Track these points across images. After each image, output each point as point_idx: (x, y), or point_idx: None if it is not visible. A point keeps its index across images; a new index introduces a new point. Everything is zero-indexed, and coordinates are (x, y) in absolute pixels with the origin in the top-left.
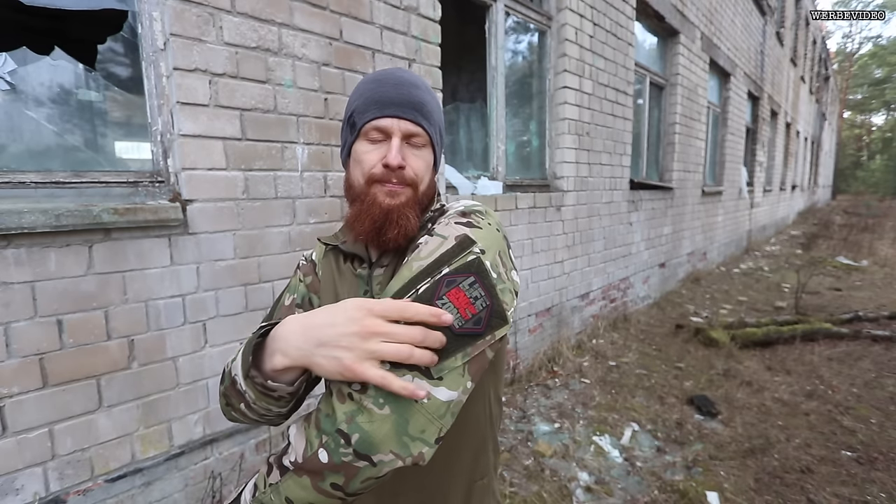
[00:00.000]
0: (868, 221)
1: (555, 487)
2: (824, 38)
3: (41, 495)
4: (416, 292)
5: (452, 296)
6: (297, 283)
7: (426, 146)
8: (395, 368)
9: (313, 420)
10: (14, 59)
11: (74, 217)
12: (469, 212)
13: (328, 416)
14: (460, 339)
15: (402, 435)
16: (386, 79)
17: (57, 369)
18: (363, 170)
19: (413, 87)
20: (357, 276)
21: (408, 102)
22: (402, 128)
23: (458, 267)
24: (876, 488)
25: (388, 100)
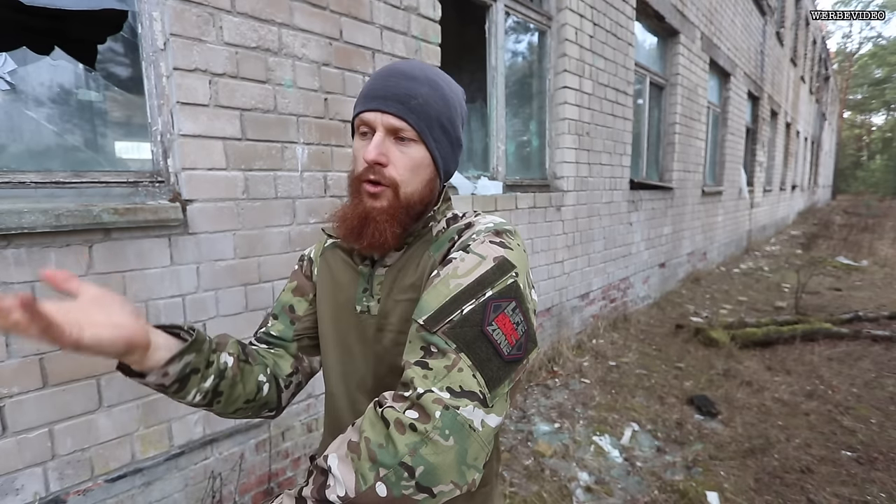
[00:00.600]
0: (868, 221)
1: (555, 487)
2: (824, 38)
3: (41, 495)
4: (461, 313)
5: (500, 322)
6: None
7: (415, 142)
8: (456, 398)
9: (364, 452)
10: (14, 58)
11: (74, 217)
12: (501, 231)
13: (383, 448)
14: (509, 365)
15: (462, 464)
16: (384, 72)
17: (57, 369)
18: (355, 168)
19: (406, 78)
20: (358, 273)
21: (393, 95)
22: (384, 122)
23: (501, 291)
24: (876, 488)
25: (374, 92)
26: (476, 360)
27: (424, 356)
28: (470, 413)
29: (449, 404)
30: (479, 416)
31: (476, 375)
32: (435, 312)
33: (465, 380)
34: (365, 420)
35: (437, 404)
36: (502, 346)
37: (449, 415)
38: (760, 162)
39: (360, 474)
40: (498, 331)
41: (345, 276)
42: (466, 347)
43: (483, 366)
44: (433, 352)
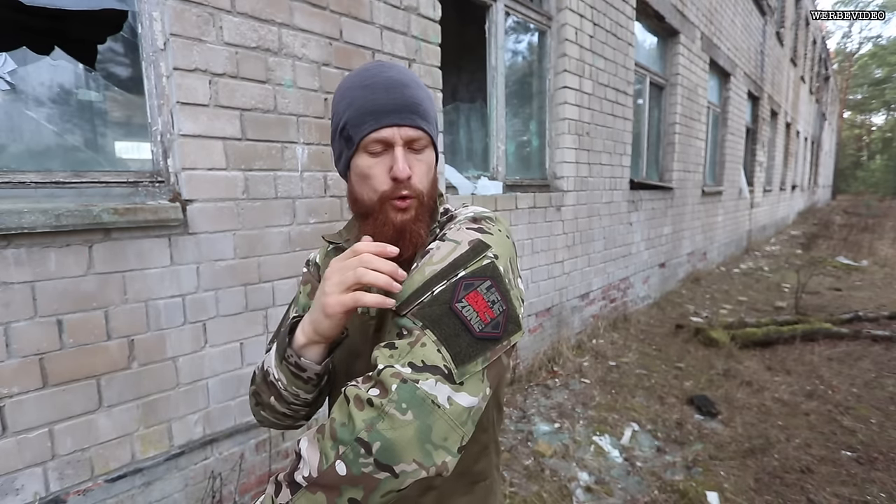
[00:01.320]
0: (868, 221)
1: (555, 487)
2: (824, 38)
3: (41, 495)
4: (431, 294)
5: (471, 299)
6: (299, 296)
7: (427, 147)
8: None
9: (328, 431)
10: (14, 59)
11: (74, 217)
12: (480, 217)
13: (344, 425)
14: (481, 342)
15: (426, 442)
16: (374, 83)
17: (57, 369)
18: (373, 187)
19: (403, 86)
20: None
21: (404, 106)
22: (403, 135)
23: (474, 270)
24: (876, 488)
25: (382, 108)
26: (441, 335)
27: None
28: (432, 387)
29: (407, 377)
30: (443, 391)
31: (441, 350)
32: (407, 297)
33: (428, 354)
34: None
35: (394, 378)
36: (473, 322)
37: (407, 387)
38: (760, 162)
39: (323, 453)
40: (468, 307)
41: None
42: (431, 324)
43: (449, 341)
44: (403, 334)
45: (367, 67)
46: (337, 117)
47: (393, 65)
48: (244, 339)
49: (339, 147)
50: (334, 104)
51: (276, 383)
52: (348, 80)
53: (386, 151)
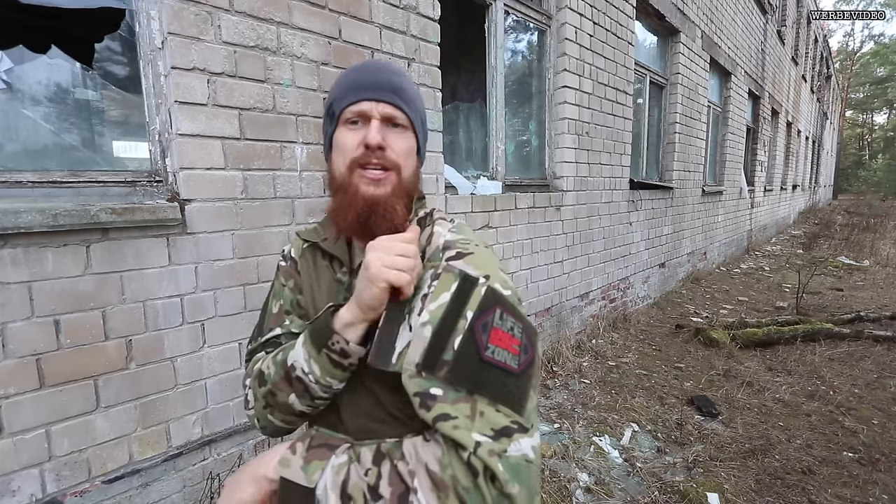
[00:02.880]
0: (870, 221)
1: (555, 488)
2: (826, 37)
3: (38, 497)
4: (452, 350)
5: (495, 339)
6: (281, 289)
7: (408, 129)
8: (498, 441)
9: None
10: (11, 57)
11: (72, 217)
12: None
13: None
14: (524, 375)
15: (533, 497)
16: (364, 66)
17: (54, 370)
18: (344, 156)
19: (392, 73)
20: (336, 281)
21: (386, 85)
22: (380, 110)
23: (479, 305)
24: (878, 490)
25: (365, 84)
26: (491, 395)
27: (426, 402)
28: (518, 449)
29: (498, 451)
30: (526, 444)
31: (500, 409)
32: (425, 354)
33: (492, 419)
34: (445, 454)
35: (493, 456)
36: (509, 362)
37: (504, 462)
38: (761, 161)
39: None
40: (498, 350)
41: (325, 281)
42: (476, 386)
43: (501, 396)
44: (435, 395)
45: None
46: (328, 100)
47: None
48: (243, 340)
49: (325, 128)
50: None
51: (306, 377)
52: (345, 70)
53: (364, 126)
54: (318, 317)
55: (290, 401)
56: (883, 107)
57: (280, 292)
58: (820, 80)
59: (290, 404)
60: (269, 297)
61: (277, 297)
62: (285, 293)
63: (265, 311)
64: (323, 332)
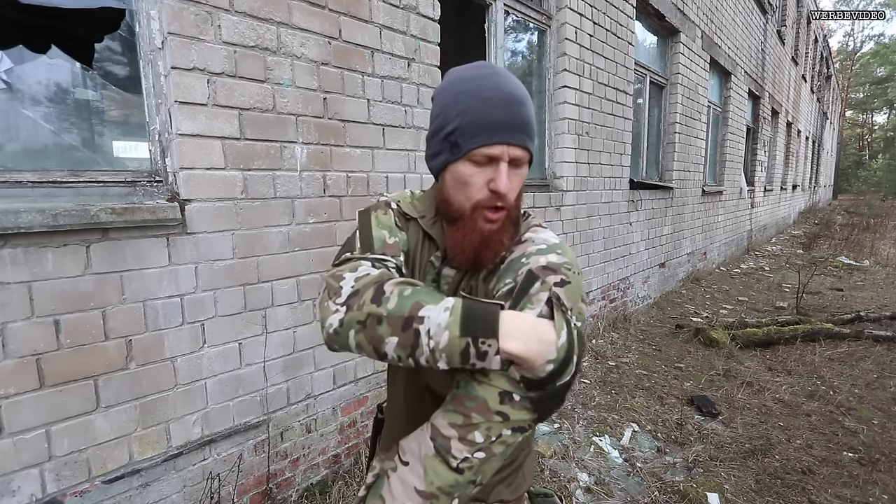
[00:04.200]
0: (870, 221)
1: (554, 488)
2: (826, 37)
3: (38, 497)
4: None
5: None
6: (395, 227)
7: (526, 164)
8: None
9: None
10: (10, 57)
11: (72, 217)
12: (557, 269)
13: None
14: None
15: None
16: (493, 97)
17: (54, 370)
18: (468, 194)
19: (520, 104)
20: (429, 263)
21: (518, 126)
22: (511, 154)
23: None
24: (878, 490)
25: (497, 124)
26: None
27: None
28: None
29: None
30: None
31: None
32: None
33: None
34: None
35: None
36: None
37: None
38: (761, 161)
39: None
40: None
41: (421, 258)
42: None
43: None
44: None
45: (484, 76)
46: (445, 119)
47: (508, 76)
48: (243, 340)
49: (439, 147)
50: (443, 105)
51: (427, 338)
52: (463, 83)
53: (489, 164)
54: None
55: (387, 340)
56: (883, 107)
57: (394, 229)
58: (820, 80)
59: (384, 342)
60: (371, 222)
61: (390, 231)
62: (402, 236)
63: (369, 232)
64: (483, 325)
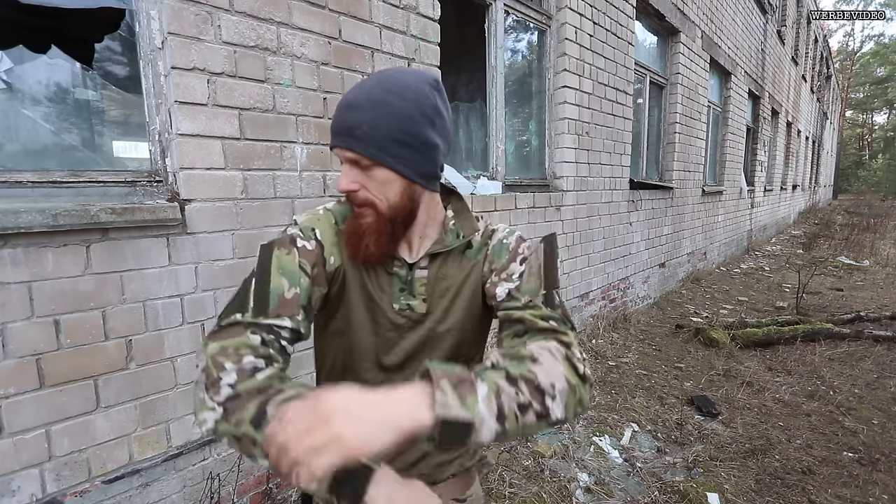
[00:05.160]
0: (870, 221)
1: (554, 488)
2: (826, 37)
3: (38, 497)
4: (559, 299)
5: None
6: (298, 272)
7: (373, 166)
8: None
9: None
10: (11, 57)
11: (72, 217)
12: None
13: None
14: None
15: None
16: (341, 101)
17: (54, 370)
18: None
19: (349, 108)
20: (391, 274)
21: (342, 129)
22: (343, 155)
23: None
24: (878, 490)
25: (333, 128)
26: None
27: (556, 326)
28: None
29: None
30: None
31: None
32: (545, 294)
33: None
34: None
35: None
36: None
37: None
38: (761, 161)
39: (568, 406)
40: None
41: (379, 275)
42: (573, 327)
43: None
44: (557, 326)
45: (356, 84)
46: None
47: (368, 81)
48: None
49: None
50: None
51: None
52: None
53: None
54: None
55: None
56: (883, 107)
57: (296, 276)
58: (820, 80)
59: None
60: (272, 268)
61: (291, 279)
62: (303, 283)
63: (267, 284)
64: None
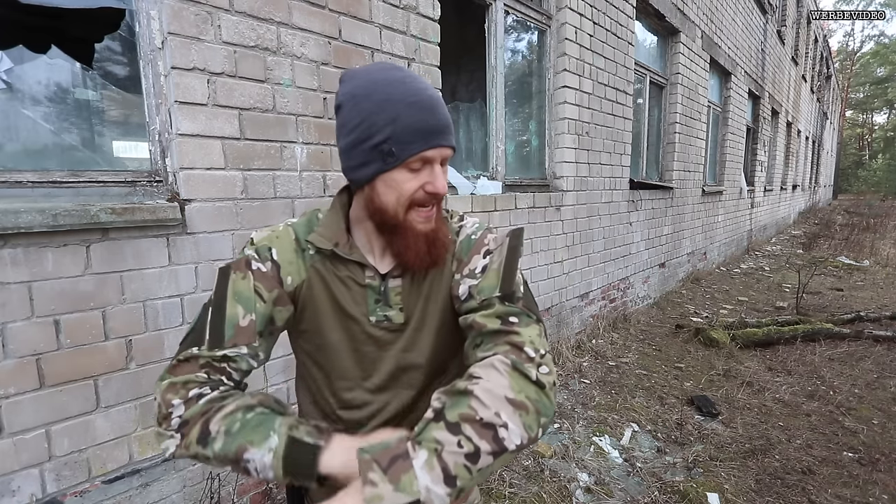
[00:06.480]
0: (870, 221)
1: (554, 488)
2: (826, 37)
3: (38, 497)
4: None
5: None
6: (254, 297)
7: (445, 164)
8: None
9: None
10: (11, 57)
11: (72, 217)
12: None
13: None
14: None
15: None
16: (419, 101)
17: (54, 370)
18: (402, 200)
19: (443, 105)
20: (364, 287)
21: (447, 127)
22: (443, 155)
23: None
24: (878, 490)
25: (432, 129)
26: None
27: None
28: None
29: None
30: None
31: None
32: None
33: (544, 343)
34: (513, 381)
35: (550, 363)
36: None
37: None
38: (761, 161)
39: (528, 426)
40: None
41: (351, 288)
42: (540, 319)
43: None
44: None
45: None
46: (372, 128)
47: (420, 77)
48: None
49: (366, 157)
50: (365, 113)
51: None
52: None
53: (423, 168)
54: (302, 448)
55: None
56: (883, 107)
57: (251, 301)
58: (820, 80)
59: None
60: (227, 294)
61: (247, 305)
62: (259, 308)
63: (222, 312)
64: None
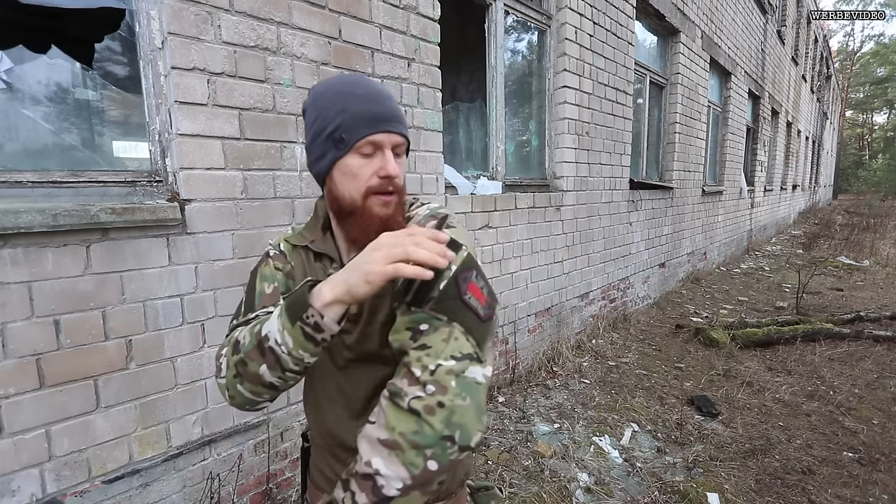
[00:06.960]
0: (870, 221)
1: (554, 488)
2: (826, 37)
3: (38, 497)
4: (438, 290)
5: (471, 290)
6: (274, 272)
7: (403, 154)
8: (460, 362)
9: (403, 444)
10: (11, 57)
11: (72, 217)
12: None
13: (419, 433)
14: (487, 324)
15: (480, 414)
16: (367, 93)
17: (54, 370)
18: (358, 186)
19: (391, 99)
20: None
21: (394, 116)
22: (392, 141)
23: (462, 264)
24: (878, 490)
25: (378, 116)
26: (465, 326)
27: (416, 335)
28: (472, 372)
29: (457, 371)
30: (478, 371)
31: (469, 339)
32: (414, 293)
33: (462, 345)
34: (388, 417)
35: (450, 375)
36: (479, 310)
37: (460, 380)
38: (761, 161)
39: (408, 464)
40: (472, 298)
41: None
42: (455, 317)
43: (471, 330)
44: (423, 330)
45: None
46: (325, 120)
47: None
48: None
49: (322, 149)
50: (319, 109)
51: (278, 348)
52: (335, 87)
53: (375, 154)
54: (295, 290)
55: (260, 371)
56: (883, 107)
57: (273, 276)
58: (820, 80)
59: (259, 375)
60: (256, 279)
61: (270, 279)
62: (279, 277)
63: (253, 291)
64: (299, 305)
